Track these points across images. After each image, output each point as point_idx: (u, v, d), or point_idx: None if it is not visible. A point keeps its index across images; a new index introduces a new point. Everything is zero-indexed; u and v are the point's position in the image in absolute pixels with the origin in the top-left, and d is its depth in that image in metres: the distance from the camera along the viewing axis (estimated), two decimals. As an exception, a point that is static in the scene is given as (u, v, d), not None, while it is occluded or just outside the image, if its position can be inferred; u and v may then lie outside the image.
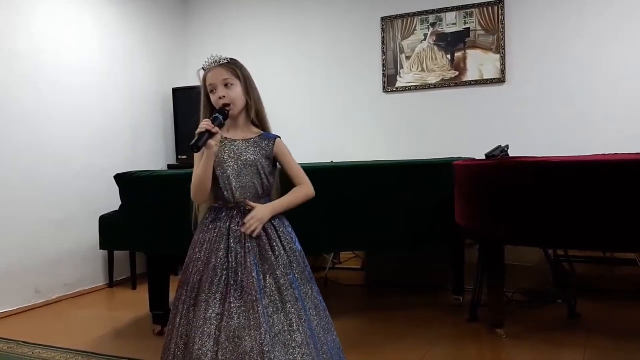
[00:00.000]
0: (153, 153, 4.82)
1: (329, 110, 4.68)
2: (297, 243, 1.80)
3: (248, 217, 1.71)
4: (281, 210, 1.78)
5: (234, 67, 1.77)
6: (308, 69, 4.72)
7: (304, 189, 1.81)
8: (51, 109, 3.87)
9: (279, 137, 1.83)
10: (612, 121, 3.82)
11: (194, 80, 5.80)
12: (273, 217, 1.77)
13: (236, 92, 1.75)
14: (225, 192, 1.75)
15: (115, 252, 4.21)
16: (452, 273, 3.41)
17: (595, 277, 3.50)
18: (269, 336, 1.61)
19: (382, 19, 4.47)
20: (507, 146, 3.13)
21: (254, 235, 1.70)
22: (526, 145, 3.65)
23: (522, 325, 2.90)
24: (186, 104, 4.74)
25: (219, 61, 1.77)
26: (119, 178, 2.95)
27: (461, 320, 3.04)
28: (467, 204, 2.79)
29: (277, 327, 1.65)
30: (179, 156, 4.83)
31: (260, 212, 1.72)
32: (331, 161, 3.90)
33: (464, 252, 3.37)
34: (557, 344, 2.66)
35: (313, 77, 4.71)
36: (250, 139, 1.79)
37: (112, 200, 3.20)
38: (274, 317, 1.66)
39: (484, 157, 3.00)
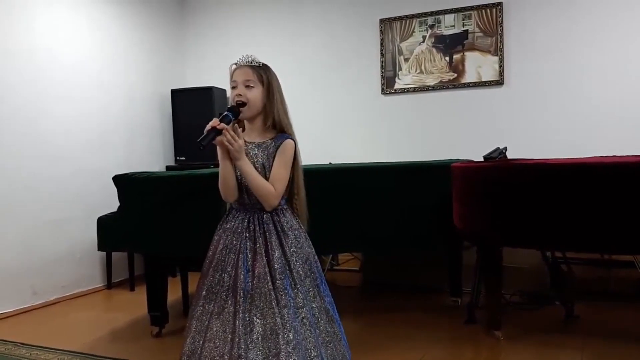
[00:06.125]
0: (151, 154, 4.82)
1: (328, 112, 4.69)
2: (304, 247, 1.79)
3: (233, 136, 1.66)
4: (245, 169, 1.71)
5: (260, 71, 1.78)
6: (307, 71, 4.72)
7: (271, 191, 1.73)
8: (49, 109, 3.87)
9: (291, 139, 1.80)
10: (610, 123, 3.83)
11: (193, 82, 5.79)
12: (285, 221, 1.77)
13: (254, 95, 1.76)
14: (239, 194, 1.78)
15: (114, 254, 4.20)
16: (450, 275, 3.42)
17: (593, 279, 3.50)
18: (244, 342, 1.63)
19: (381, 21, 4.48)
20: (505, 148, 3.13)
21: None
22: (524, 147, 3.66)
23: (519, 328, 2.90)
24: (185, 105, 4.74)
25: (250, 62, 1.78)
26: (118, 179, 2.95)
27: (459, 322, 3.04)
28: (465, 206, 2.80)
29: (257, 333, 1.66)
30: (178, 157, 4.83)
31: (239, 148, 1.68)
32: (329, 163, 3.90)
33: (462, 254, 3.38)
34: (555, 346, 2.67)
35: (312, 79, 4.72)
36: (263, 142, 1.79)
37: (110, 202, 3.20)
38: (257, 321, 1.67)
39: (482, 160, 3.00)
